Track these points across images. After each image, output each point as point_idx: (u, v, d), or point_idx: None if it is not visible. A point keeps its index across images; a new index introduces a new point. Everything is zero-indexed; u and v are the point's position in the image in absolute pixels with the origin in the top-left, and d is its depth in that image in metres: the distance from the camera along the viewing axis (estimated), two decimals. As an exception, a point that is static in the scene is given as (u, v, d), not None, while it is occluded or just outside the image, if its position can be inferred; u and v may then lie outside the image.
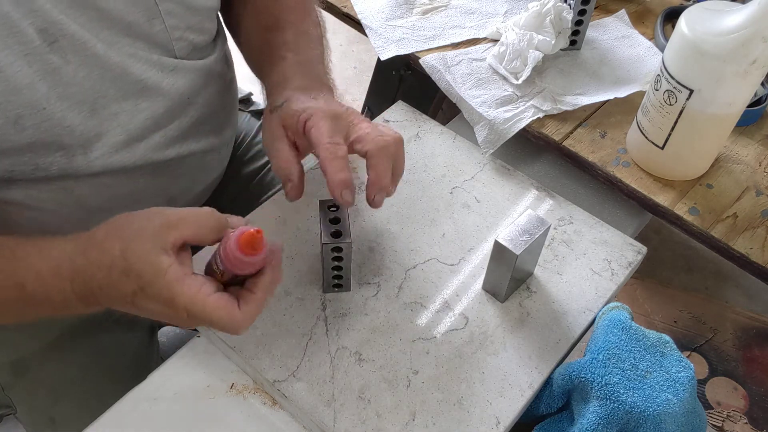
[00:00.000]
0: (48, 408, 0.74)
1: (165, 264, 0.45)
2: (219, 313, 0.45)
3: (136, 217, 0.48)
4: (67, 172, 0.58)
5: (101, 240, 0.47)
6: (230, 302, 0.46)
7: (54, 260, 0.48)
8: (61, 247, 0.49)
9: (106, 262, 0.46)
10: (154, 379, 0.57)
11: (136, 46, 0.57)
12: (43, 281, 0.48)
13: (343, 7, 0.89)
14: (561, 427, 0.56)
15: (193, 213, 0.48)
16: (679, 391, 0.52)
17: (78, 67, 0.53)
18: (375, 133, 0.55)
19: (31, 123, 0.52)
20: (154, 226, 0.46)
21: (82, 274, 0.47)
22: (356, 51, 2.09)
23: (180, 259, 0.46)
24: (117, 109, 0.58)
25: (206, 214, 0.48)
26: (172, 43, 0.60)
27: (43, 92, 0.52)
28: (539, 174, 0.77)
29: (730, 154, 0.75)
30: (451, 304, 0.60)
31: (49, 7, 0.50)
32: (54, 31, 0.51)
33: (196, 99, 0.65)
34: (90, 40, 0.53)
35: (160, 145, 0.63)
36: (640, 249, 0.65)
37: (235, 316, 0.46)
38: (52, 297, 0.49)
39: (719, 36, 0.59)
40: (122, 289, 0.46)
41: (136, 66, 0.57)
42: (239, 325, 0.46)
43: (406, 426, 0.53)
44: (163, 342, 1.00)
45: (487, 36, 0.85)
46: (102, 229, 0.48)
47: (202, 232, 0.47)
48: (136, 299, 0.46)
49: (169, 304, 0.45)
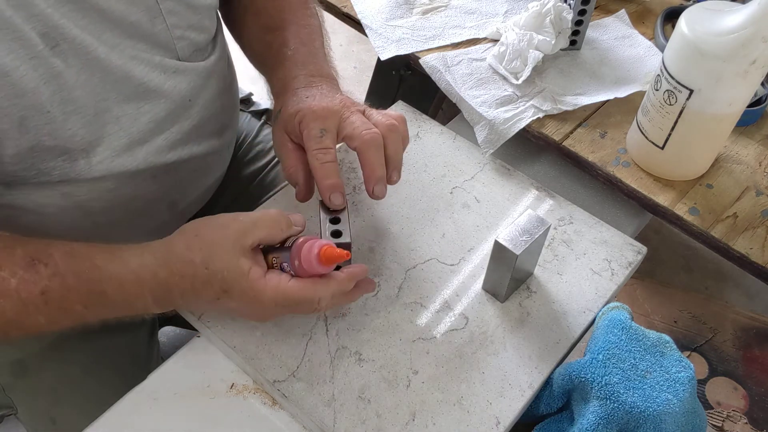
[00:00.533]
0: (48, 408, 0.74)
1: (246, 267, 0.49)
2: (303, 293, 0.50)
3: (211, 226, 0.51)
4: (69, 176, 0.58)
5: (182, 252, 0.50)
6: (308, 281, 0.50)
7: (134, 272, 0.50)
8: (139, 258, 0.50)
9: (189, 272, 0.50)
10: (154, 379, 0.57)
11: (137, 48, 0.57)
12: (124, 289, 0.50)
13: (343, 7, 0.89)
14: (561, 427, 0.56)
15: (266, 217, 0.52)
16: (679, 391, 0.52)
17: (79, 71, 0.53)
18: (363, 127, 0.56)
19: (34, 125, 0.52)
20: (231, 234, 0.50)
21: (164, 285, 0.50)
22: (356, 51, 2.09)
23: (256, 259, 0.51)
24: (119, 113, 0.58)
25: (276, 217, 0.52)
26: (173, 42, 0.60)
27: (47, 96, 0.52)
28: (539, 174, 0.77)
29: (730, 154, 0.75)
30: (451, 304, 0.60)
31: (50, 11, 0.49)
32: (55, 35, 0.50)
33: (198, 101, 0.65)
34: (91, 44, 0.53)
35: (162, 148, 0.63)
36: (640, 249, 0.65)
37: (317, 291, 0.50)
38: (131, 303, 0.51)
39: (719, 36, 0.59)
40: (205, 295, 0.50)
41: (138, 68, 0.57)
42: (320, 295, 0.50)
43: (406, 426, 0.53)
44: (163, 342, 1.00)
45: (487, 36, 0.85)
46: (180, 240, 0.51)
47: (274, 233, 0.52)
48: (219, 302, 0.51)
49: (255, 301, 0.50)
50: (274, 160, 0.87)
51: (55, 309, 0.49)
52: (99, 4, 0.52)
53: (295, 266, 0.51)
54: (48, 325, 0.50)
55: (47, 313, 0.49)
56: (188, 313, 0.59)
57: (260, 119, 0.92)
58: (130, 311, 0.52)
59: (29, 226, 0.60)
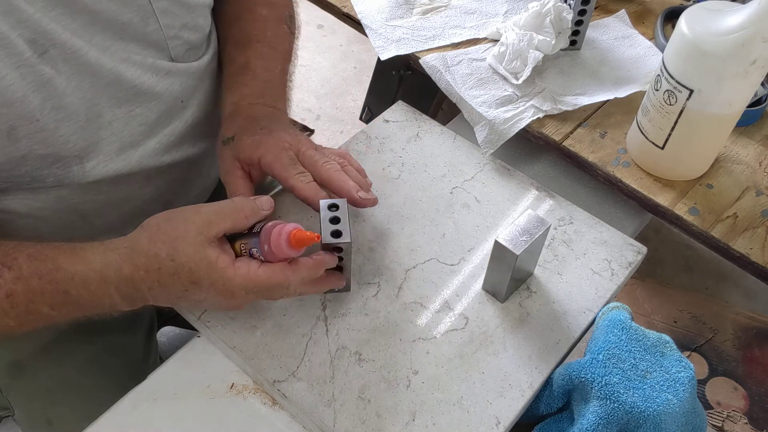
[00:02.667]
0: (45, 410, 0.74)
1: (213, 257, 0.49)
2: (273, 279, 0.50)
3: (175, 219, 0.51)
4: (62, 182, 0.57)
5: (146, 246, 0.50)
6: (278, 266, 0.51)
7: (97, 271, 0.50)
8: (102, 256, 0.50)
9: (155, 267, 0.49)
10: (154, 379, 0.57)
11: (129, 50, 0.56)
12: (89, 288, 0.50)
13: (343, 7, 0.89)
14: (561, 427, 0.56)
15: (229, 206, 0.52)
16: (679, 391, 0.52)
17: (70, 77, 0.53)
18: (322, 160, 0.60)
19: (24, 134, 0.52)
20: (195, 225, 0.50)
21: (130, 280, 0.50)
22: (356, 51, 2.09)
23: (223, 248, 0.51)
24: (111, 117, 0.57)
25: (239, 205, 0.52)
26: (166, 42, 0.60)
27: (36, 104, 0.51)
28: (539, 174, 0.77)
29: (730, 154, 0.75)
30: (451, 304, 0.60)
31: (38, 16, 0.49)
32: (44, 41, 0.50)
33: (191, 102, 0.65)
34: (82, 48, 0.52)
35: (156, 151, 0.63)
36: (640, 249, 0.65)
37: (287, 276, 0.51)
38: (97, 302, 0.51)
39: (719, 36, 0.59)
40: (173, 287, 0.50)
41: (130, 71, 0.57)
42: (290, 280, 0.51)
43: (406, 426, 0.53)
44: (163, 342, 1.00)
45: (487, 36, 0.85)
46: (143, 235, 0.51)
47: (238, 222, 0.52)
48: (188, 294, 0.51)
49: (225, 290, 0.50)
50: None
51: (22, 312, 0.49)
52: (90, 5, 0.52)
53: (265, 251, 0.50)
54: (18, 327, 0.50)
55: (15, 316, 0.49)
56: (188, 313, 0.59)
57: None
58: (97, 310, 0.52)
59: (23, 229, 0.60)
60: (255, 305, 0.58)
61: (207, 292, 0.50)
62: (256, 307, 0.59)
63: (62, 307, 0.50)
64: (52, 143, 0.54)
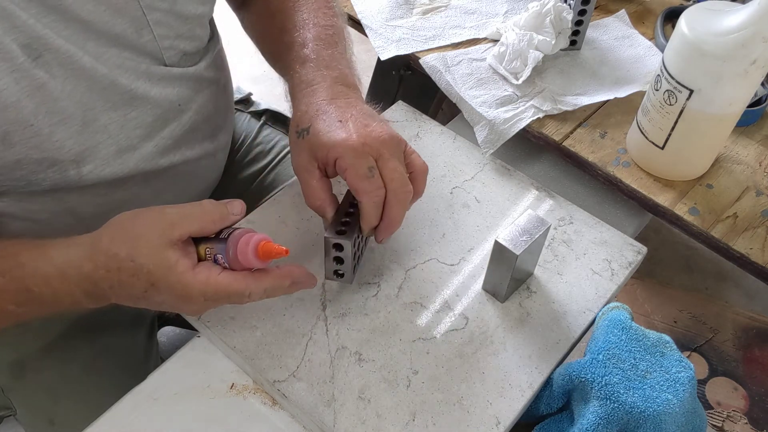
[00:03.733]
0: (47, 409, 0.74)
1: (172, 260, 0.47)
2: (234, 287, 0.49)
3: (138, 219, 0.49)
4: (59, 185, 0.57)
5: (107, 245, 0.49)
6: (240, 274, 0.49)
7: (58, 268, 0.49)
8: (64, 253, 0.49)
9: (114, 266, 0.48)
10: (154, 379, 0.57)
11: (123, 57, 0.56)
12: (50, 285, 0.49)
13: (344, 7, 0.89)
14: (561, 427, 0.56)
15: (197, 209, 0.50)
16: (679, 391, 0.52)
17: (65, 81, 0.52)
18: (399, 180, 0.54)
19: (18, 139, 0.52)
20: (157, 226, 0.48)
21: (90, 278, 0.49)
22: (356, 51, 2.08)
23: (186, 251, 0.49)
24: (106, 121, 0.57)
25: (208, 209, 0.50)
26: (161, 51, 0.59)
27: (30, 109, 0.51)
28: (539, 174, 0.77)
29: (730, 154, 0.75)
30: (451, 304, 0.60)
31: (32, 22, 0.49)
32: (38, 46, 0.50)
33: (188, 106, 0.65)
34: (76, 53, 0.52)
35: (153, 154, 0.62)
36: (640, 249, 0.65)
37: (248, 285, 0.49)
38: (60, 299, 0.50)
39: (719, 36, 0.59)
40: (132, 288, 0.48)
41: (124, 76, 0.57)
42: (251, 290, 0.49)
43: (406, 426, 0.53)
44: (163, 342, 1.00)
45: (487, 36, 0.85)
46: (105, 233, 0.49)
47: (205, 226, 0.50)
48: (147, 295, 0.49)
49: (183, 295, 0.48)
50: (273, 161, 0.87)
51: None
52: (82, 15, 0.52)
53: (229, 257, 0.49)
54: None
55: None
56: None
57: (260, 120, 0.91)
58: (61, 307, 0.51)
59: (20, 232, 0.60)
60: (255, 305, 0.58)
61: (165, 295, 0.49)
62: (257, 307, 0.59)
63: (27, 305, 0.50)
64: (47, 148, 0.54)
